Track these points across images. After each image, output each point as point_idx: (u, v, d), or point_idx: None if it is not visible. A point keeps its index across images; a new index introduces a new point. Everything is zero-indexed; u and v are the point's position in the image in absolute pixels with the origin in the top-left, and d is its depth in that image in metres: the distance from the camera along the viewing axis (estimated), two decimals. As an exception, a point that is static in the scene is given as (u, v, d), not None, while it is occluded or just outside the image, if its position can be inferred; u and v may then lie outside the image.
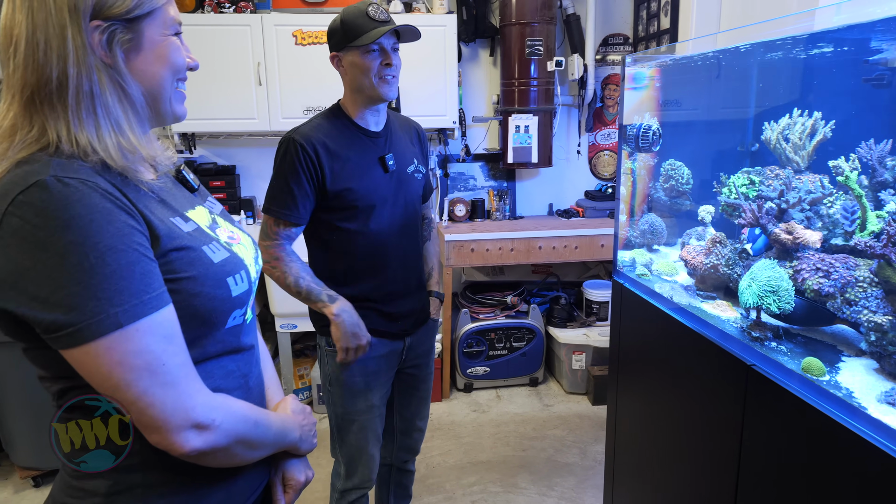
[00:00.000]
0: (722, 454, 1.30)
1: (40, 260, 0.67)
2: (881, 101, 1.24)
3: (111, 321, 0.69)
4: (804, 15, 1.89)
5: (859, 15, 1.31)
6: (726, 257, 1.37)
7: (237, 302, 0.87)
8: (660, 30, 3.24)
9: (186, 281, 0.79)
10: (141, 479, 0.80)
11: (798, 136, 1.31)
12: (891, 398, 0.93)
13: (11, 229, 0.67)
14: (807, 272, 1.14)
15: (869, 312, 1.01)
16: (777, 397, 1.10)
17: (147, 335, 0.71)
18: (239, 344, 0.91)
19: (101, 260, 0.68)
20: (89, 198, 0.69)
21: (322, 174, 1.52)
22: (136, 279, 0.71)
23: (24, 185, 0.68)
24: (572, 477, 2.63)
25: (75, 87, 0.72)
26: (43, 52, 0.71)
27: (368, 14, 1.49)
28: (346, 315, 1.55)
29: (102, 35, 0.74)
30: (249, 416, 0.86)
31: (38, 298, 0.67)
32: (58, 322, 0.67)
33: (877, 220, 1.09)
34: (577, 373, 3.34)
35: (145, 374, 0.71)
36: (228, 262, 0.86)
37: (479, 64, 3.56)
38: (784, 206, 1.25)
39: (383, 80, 1.53)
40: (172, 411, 0.73)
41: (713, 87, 1.76)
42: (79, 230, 0.67)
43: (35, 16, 0.71)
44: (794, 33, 1.47)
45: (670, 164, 1.72)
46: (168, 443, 0.74)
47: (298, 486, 1.00)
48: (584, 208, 3.56)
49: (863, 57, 1.27)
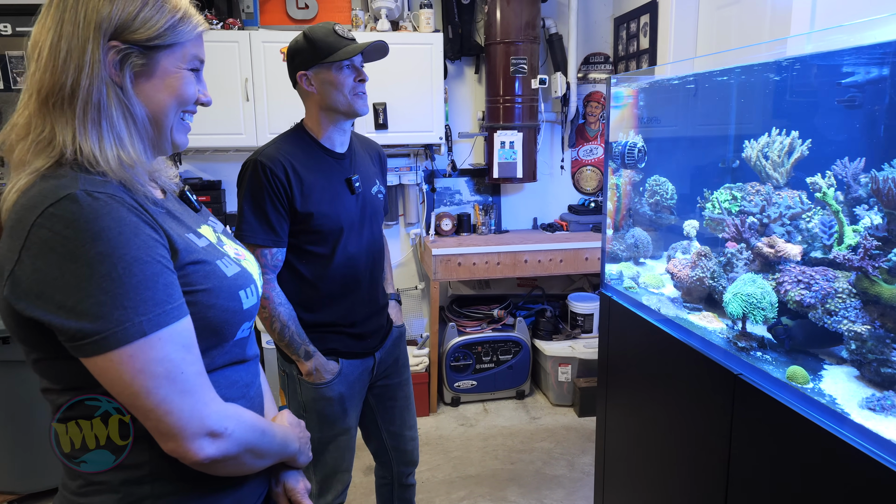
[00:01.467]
0: (711, 461, 1.34)
1: (68, 270, 0.69)
2: (854, 121, 1.31)
3: (136, 329, 0.71)
4: (776, 43, 1.99)
5: (829, 44, 1.39)
6: (712, 270, 1.42)
7: (247, 314, 0.89)
8: (639, 49, 3.33)
9: (202, 293, 0.81)
10: (150, 490, 0.81)
11: (777, 154, 1.37)
12: (872, 404, 0.98)
13: (40, 240, 0.70)
14: (789, 284, 1.19)
15: (849, 322, 1.07)
16: (764, 405, 1.14)
17: (168, 344, 0.74)
18: (244, 355, 0.94)
19: (128, 271, 0.71)
20: (117, 211, 0.72)
21: (291, 195, 1.51)
22: (160, 290, 0.73)
23: (54, 198, 0.70)
24: (561, 489, 2.65)
25: (85, 97, 0.76)
26: (63, 60, 0.75)
27: (336, 32, 1.51)
28: (316, 374, 1.60)
29: (117, 55, 0.77)
30: (257, 425, 0.88)
31: (65, 307, 0.69)
32: (85, 330, 0.69)
33: (853, 234, 1.15)
34: (564, 385, 3.38)
35: (165, 382, 0.73)
36: (240, 276, 0.88)
37: (465, 81, 3.62)
38: (766, 220, 1.30)
39: (357, 95, 1.55)
40: (189, 419, 0.75)
41: (694, 107, 1.83)
42: (108, 242, 0.70)
43: (64, 26, 0.75)
44: (767, 59, 1.54)
45: (655, 180, 1.78)
46: (183, 450, 0.76)
47: (302, 493, 1.01)
48: (567, 222, 3.62)
49: (835, 80, 1.34)
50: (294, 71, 1.55)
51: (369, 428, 1.86)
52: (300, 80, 1.55)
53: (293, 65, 1.55)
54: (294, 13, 3.30)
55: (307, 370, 1.58)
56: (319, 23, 1.56)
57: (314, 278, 1.59)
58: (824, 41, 1.38)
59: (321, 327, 1.61)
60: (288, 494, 1.01)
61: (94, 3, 0.76)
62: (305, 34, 1.52)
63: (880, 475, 0.89)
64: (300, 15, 3.31)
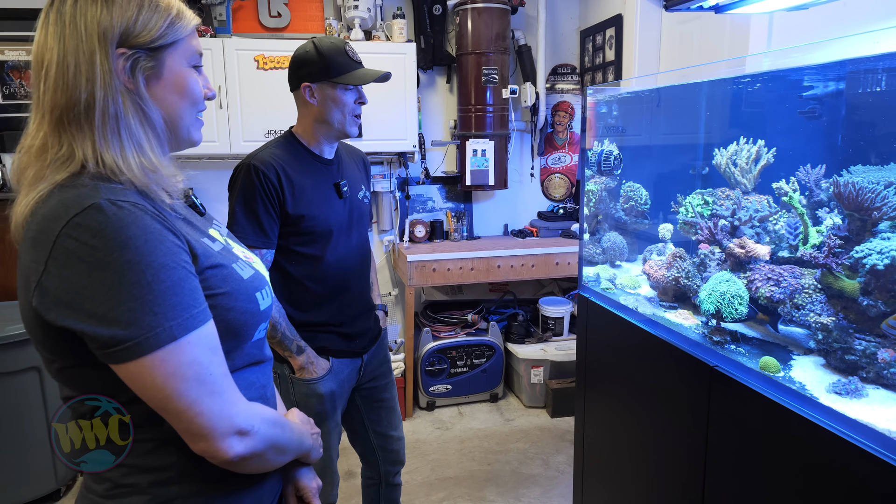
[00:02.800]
0: (688, 451, 1.42)
1: (97, 278, 0.70)
2: (814, 131, 1.42)
3: (167, 334, 0.73)
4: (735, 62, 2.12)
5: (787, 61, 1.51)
6: (686, 270, 1.52)
7: (263, 316, 0.92)
8: (605, 61, 3.46)
9: (222, 296, 0.83)
10: (178, 491, 0.83)
11: (745, 161, 1.48)
12: (838, 388, 1.07)
13: (66, 250, 0.70)
14: (759, 281, 1.29)
15: (815, 315, 1.16)
16: (739, 394, 1.23)
17: (196, 347, 0.75)
18: (261, 356, 0.96)
19: (157, 277, 0.72)
20: (142, 219, 0.73)
21: (282, 198, 1.56)
22: (186, 295, 0.75)
23: (78, 208, 0.71)
24: (537, 487, 2.72)
25: (101, 109, 0.77)
26: (73, 76, 0.75)
27: (348, 54, 1.57)
28: (309, 369, 1.63)
29: (126, 62, 0.78)
30: (279, 421, 0.90)
31: (95, 315, 0.70)
32: (117, 337, 0.71)
33: (817, 235, 1.25)
34: (536, 387, 3.46)
35: (195, 384, 0.75)
36: (255, 279, 0.91)
37: (437, 90, 3.69)
38: (736, 223, 1.40)
39: (354, 119, 1.62)
40: (219, 419, 0.77)
41: (665, 118, 1.93)
42: (135, 250, 0.71)
43: (66, 41, 0.76)
44: (735, 74, 1.66)
45: (629, 186, 1.87)
46: (214, 450, 0.78)
47: (314, 492, 1.04)
48: (537, 228, 3.72)
49: (796, 94, 1.46)
50: (299, 79, 1.59)
51: (356, 429, 1.89)
52: (303, 90, 1.59)
53: (299, 73, 1.59)
54: (266, 21, 3.31)
55: (300, 364, 1.61)
56: (327, 36, 1.61)
57: (305, 279, 1.62)
58: (787, 59, 1.50)
59: (311, 327, 1.65)
60: (300, 493, 1.03)
61: (93, 13, 0.76)
62: (317, 47, 1.57)
63: (847, 452, 0.98)
64: (273, 23, 3.32)
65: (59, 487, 2.60)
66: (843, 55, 1.31)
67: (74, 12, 0.76)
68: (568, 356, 3.42)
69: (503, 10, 3.39)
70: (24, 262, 0.75)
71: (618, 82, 3.07)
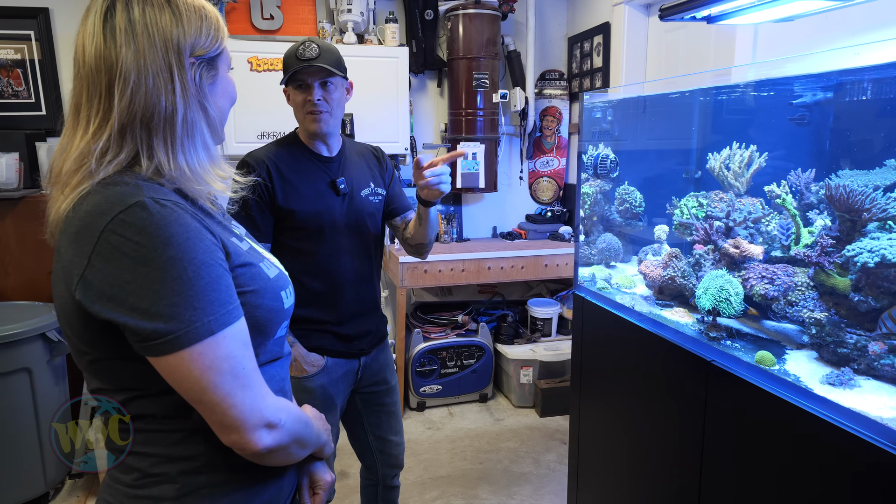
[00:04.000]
0: (685, 445, 1.48)
1: (141, 274, 0.73)
2: (804, 137, 1.49)
3: (206, 329, 0.75)
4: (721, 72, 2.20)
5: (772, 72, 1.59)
6: (682, 269, 1.58)
7: (286, 314, 0.95)
8: (592, 68, 3.54)
9: (250, 294, 0.86)
10: (206, 480, 0.85)
11: (738, 165, 1.54)
12: (831, 379, 1.13)
13: (111, 245, 0.73)
14: (754, 279, 1.35)
15: (808, 311, 1.23)
16: (735, 387, 1.29)
17: (231, 341, 0.78)
18: (281, 352, 0.99)
19: (197, 273, 0.75)
20: (183, 218, 0.76)
21: (273, 193, 1.62)
22: (223, 291, 0.78)
23: (123, 205, 0.74)
24: (529, 485, 2.77)
25: (182, 118, 0.81)
26: (153, 85, 0.79)
27: (297, 54, 1.59)
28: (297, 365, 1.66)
29: (196, 71, 0.83)
30: (301, 416, 0.93)
31: (138, 309, 0.73)
32: (159, 330, 0.73)
33: (808, 235, 1.32)
34: (525, 387, 3.51)
35: (229, 377, 0.78)
36: (280, 278, 0.95)
37: (428, 94, 3.73)
38: (731, 224, 1.46)
39: (309, 114, 1.63)
40: (250, 411, 0.80)
41: (657, 123, 2.00)
42: (178, 247, 0.74)
43: (146, 52, 0.78)
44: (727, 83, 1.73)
45: (624, 189, 1.93)
46: (244, 441, 0.80)
47: (327, 485, 1.07)
48: (526, 231, 3.78)
49: (786, 102, 1.53)
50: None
51: (356, 431, 1.91)
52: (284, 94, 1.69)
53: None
54: (259, 24, 3.32)
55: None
56: (299, 41, 1.63)
57: (299, 274, 1.63)
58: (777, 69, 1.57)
59: (307, 324, 1.67)
60: (315, 486, 1.05)
61: (165, 24, 0.80)
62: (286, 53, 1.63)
63: (842, 439, 1.04)
64: (265, 25, 3.34)
65: (47, 490, 2.57)
66: (828, 66, 1.39)
67: (146, 21, 0.79)
68: (556, 356, 3.48)
69: (494, 17, 3.45)
70: (64, 256, 0.77)
71: (617, 88, 3.14)
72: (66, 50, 3.18)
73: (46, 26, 3.10)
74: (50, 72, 3.15)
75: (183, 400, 0.79)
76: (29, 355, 2.40)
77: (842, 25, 1.80)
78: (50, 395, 2.51)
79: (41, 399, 2.47)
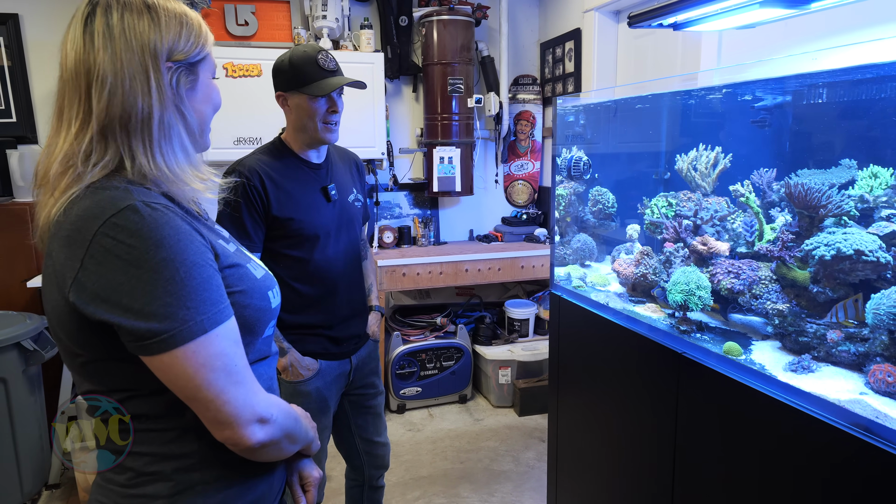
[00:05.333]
0: (660, 432, 1.53)
1: (134, 275, 0.74)
2: (766, 138, 1.57)
3: (199, 327, 0.77)
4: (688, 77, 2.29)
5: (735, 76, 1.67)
6: (654, 267, 1.64)
7: (274, 313, 0.98)
8: (564, 73, 3.62)
9: (239, 294, 0.89)
10: (200, 477, 0.87)
11: (704, 166, 1.61)
12: (793, 366, 1.20)
13: (103, 248, 0.75)
14: (721, 275, 1.42)
15: (771, 303, 1.29)
16: (705, 377, 1.35)
17: (223, 339, 0.80)
18: (268, 351, 1.02)
19: (189, 274, 0.77)
20: (174, 220, 0.79)
21: (267, 202, 1.61)
22: (214, 290, 0.80)
23: (115, 209, 0.76)
24: (509, 483, 2.81)
25: (159, 120, 0.83)
26: (129, 88, 0.81)
27: (318, 63, 1.60)
28: (292, 370, 1.68)
29: (173, 75, 0.85)
30: (291, 412, 0.96)
31: (132, 309, 0.75)
32: (153, 329, 0.75)
33: (771, 231, 1.39)
34: (504, 387, 3.56)
35: (222, 374, 0.80)
36: (267, 278, 0.97)
37: (403, 99, 3.77)
38: (699, 222, 1.53)
39: (327, 125, 1.65)
40: (243, 407, 0.82)
41: (628, 127, 2.07)
42: (169, 248, 0.76)
43: (120, 55, 0.80)
44: (692, 87, 1.80)
45: (597, 191, 1.99)
46: (238, 437, 0.82)
47: (315, 481, 1.09)
48: (502, 233, 3.84)
49: (748, 105, 1.61)
50: (274, 89, 1.65)
51: (343, 433, 1.93)
52: (278, 99, 1.65)
53: (274, 82, 1.65)
54: (233, 30, 3.33)
55: (283, 365, 1.66)
56: (305, 45, 1.64)
57: (293, 281, 1.67)
58: (740, 73, 1.65)
59: (300, 329, 1.69)
60: (303, 482, 1.08)
61: (141, 29, 0.82)
62: (290, 57, 1.61)
63: (803, 421, 1.10)
64: (239, 31, 3.34)
65: (24, 502, 2.53)
66: (787, 71, 1.47)
67: (123, 27, 0.81)
68: (534, 356, 3.54)
69: (467, 23, 3.51)
70: (56, 259, 0.78)
71: (588, 92, 3.22)
72: (36, 56, 3.14)
73: (16, 32, 3.07)
74: (20, 79, 3.11)
75: (176, 399, 0.81)
76: (3, 365, 2.37)
77: (802, 31, 1.89)
78: (25, 405, 2.48)
79: (17, 409, 2.43)
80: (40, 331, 2.50)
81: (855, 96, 1.35)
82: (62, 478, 2.74)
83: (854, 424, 1.02)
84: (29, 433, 2.50)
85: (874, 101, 1.30)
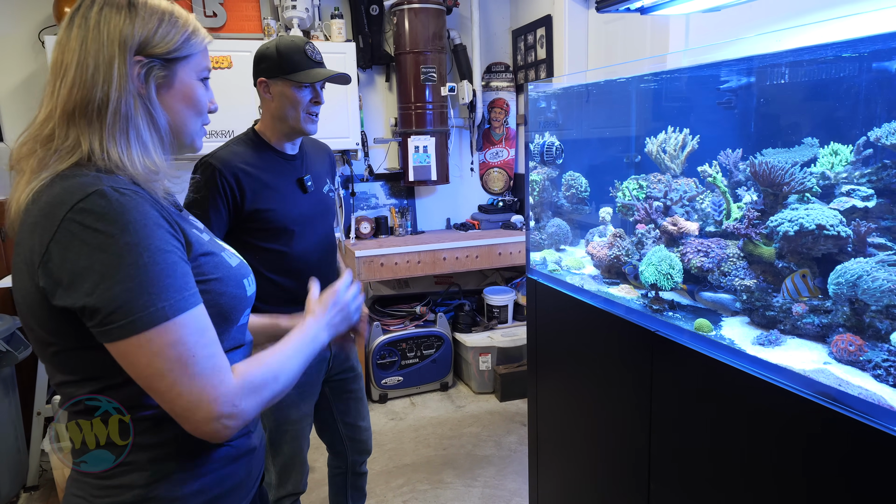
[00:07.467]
0: (636, 410, 1.57)
1: (98, 259, 0.74)
2: (732, 119, 1.60)
3: (160, 314, 0.76)
4: (657, 59, 2.32)
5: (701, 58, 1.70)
6: (626, 248, 1.67)
7: (249, 301, 0.98)
8: (536, 59, 3.64)
9: (214, 282, 0.89)
10: (176, 466, 0.87)
11: (673, 148, 1.64)
12: (761, 340, 1.24)
13: (70, 233, 0.74)
14: (691, 254, 1.45)
15: (739, 279, 1.33)
16: (678, 353, 1.38)
17: (183, 328, 0.78)
18: (244, 340, 1.02)
19: (153, 259, 0.76)
20: (142, 205, 0.78)
21: (241, 196, 1.59)
22: (178, 278, 0.79)
23: (82, 194, 0.76)
24: (492, 467, 2.85)
25: (114, 109, 0.82)
26: (91, 76, 0.81)
27: (306, 52, 1.61)
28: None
29: (142, 69, 0.85)
30: (269, 373, 0.88)
31: (94, 294, 0.74)
32: (113, 315, 0.74)
33: (737, 210, 1.42)
34: (485, 373, 3.59)
35: (176, 365, 0.77)
36: (242, 267, 0.98)
37: (376, 89, 3.75)
38: (669, 203, 1.56)
39: (310, 115, 1.65)
40: (198, 402, 0.78)
41: (598, 111, 2.09)
42: (135, 233, 0.76)
43: (88, 44, 0.82)
44: (653, 70, 1.83)
45: (570, 175, 2.01)
46: (201, 432, 0.80)
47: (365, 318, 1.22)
48: (479, 221, 3.85)
49: (714, 87, 1.63)
50: (256, 75, 1.64)
51: (325, 420, 1.94)
52: (259, 85, 1.64)
53: (257, 68, 1.64)
54: (202, 21, 3.27)
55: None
56: (292, 37, 1.65)
57: (271, 273, 1.66)
58: (705, 55, 1.68)
59: None
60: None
61: (116, 22, 0.83)
62: (277, 45, 1.61)
63: (770, 392, 1.14)
64: (208, 23, 3.29)
65: (1, 506, 2.50)
66: (752, 51, 1.50)
67: (99, 19, 0.82)
68: (513, 342, 3.58)
69: (439, 11, 3.50)
70: (24, 246, 0.78)
71: (560, 78, 3.23)
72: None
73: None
74: (-19, 74, 3.02)
75: None
76: (-25, 368, 2.33)
77: (767, 14, 1.93)
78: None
79: (-10, 413, 2.40)
80: (13, 331, 2.46)
81: (816, 76, 1.38)
82: (40, 479, 2.71)
83: (819, 393, 1.06)
84: (4, 434, 2.46)
85: (835, 80, 1.33)
